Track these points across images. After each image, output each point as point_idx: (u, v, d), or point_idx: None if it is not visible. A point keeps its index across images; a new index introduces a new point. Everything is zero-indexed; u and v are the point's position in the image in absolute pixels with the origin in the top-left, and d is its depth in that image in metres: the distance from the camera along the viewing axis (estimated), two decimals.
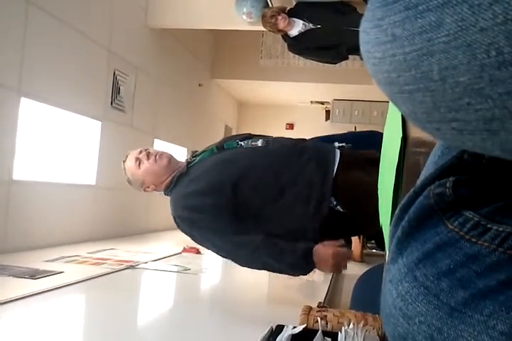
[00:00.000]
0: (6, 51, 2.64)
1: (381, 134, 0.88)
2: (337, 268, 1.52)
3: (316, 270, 1.55)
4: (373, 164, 0.97)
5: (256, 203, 1.56)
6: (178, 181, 1.67)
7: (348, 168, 1.59)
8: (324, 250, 1.48)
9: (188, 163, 1.72)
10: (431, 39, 0.24)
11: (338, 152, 1.64)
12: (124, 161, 1.79)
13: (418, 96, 0.26)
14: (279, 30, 3.44)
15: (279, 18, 3.36)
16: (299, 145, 1.68)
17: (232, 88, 6.79)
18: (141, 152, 1.75)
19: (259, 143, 1.67)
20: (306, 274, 1.58)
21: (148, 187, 1.77)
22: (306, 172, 1.57)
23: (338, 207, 1.54)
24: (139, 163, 1.72)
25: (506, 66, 0.22)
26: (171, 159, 1.74)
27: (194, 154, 1.79)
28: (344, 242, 1.55)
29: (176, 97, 5.06)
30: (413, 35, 0.25)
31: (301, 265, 1.51)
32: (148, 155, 1.73)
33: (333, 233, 1.62)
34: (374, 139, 1.07)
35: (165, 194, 1.74)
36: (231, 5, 3.85)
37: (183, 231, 1.67)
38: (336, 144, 1.69)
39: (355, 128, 5.72)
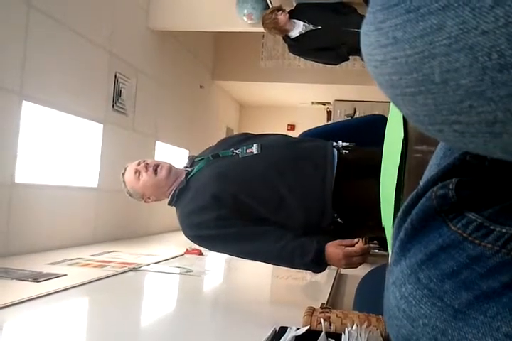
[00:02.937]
0: (7, 54, 2.65)
1: (384, 118, 0.86)
2: (351, 267, 1.54)
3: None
4: (374, 173, 0.96)
5: (260, 211, 1.57)
6: (180, 195, 1.66)
7: (348, 178, 1.56)
8: (335, 252, 1.49)
9: (187, 174, 1.69)
10: (432, 42, 0.24)
11: (335, 153, 1.61)
12: (123, 174, 1.76)
13: (420, 98, 0.26)
14: (280, 29, 3.38)
15: (278, 13, 3.31)
16: (292, 149, 1.64)
17: (234, 90, 6.80)
18: (139, 164, 1.72)
19: (254, 149, 1.63)
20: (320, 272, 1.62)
21: (149, 198, 1.76)
22: (303, 180, 1.56)
23: (339, 219, 1.54)
24: (138, 175, 1.70)
25: (508, 69, 0.22)
26: (170, 170, 1.71)
27: (192, 160, 1.77)
28: (356, 240, 1.53)
29: (177, 99, 5.06)
30: (414, 38, 0.25)
31: (313, 268, 1.57)
32: (146, 166, 1.70)
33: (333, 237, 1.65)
34: (377, 127, 1.05)
35: (169, 204, 1.74)
36: (232, 7, 3.86)
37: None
38: (340, 143, 1.65)
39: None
